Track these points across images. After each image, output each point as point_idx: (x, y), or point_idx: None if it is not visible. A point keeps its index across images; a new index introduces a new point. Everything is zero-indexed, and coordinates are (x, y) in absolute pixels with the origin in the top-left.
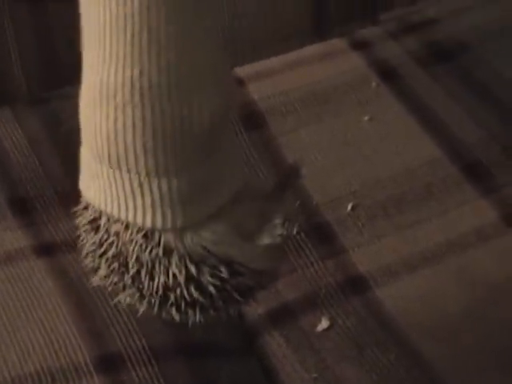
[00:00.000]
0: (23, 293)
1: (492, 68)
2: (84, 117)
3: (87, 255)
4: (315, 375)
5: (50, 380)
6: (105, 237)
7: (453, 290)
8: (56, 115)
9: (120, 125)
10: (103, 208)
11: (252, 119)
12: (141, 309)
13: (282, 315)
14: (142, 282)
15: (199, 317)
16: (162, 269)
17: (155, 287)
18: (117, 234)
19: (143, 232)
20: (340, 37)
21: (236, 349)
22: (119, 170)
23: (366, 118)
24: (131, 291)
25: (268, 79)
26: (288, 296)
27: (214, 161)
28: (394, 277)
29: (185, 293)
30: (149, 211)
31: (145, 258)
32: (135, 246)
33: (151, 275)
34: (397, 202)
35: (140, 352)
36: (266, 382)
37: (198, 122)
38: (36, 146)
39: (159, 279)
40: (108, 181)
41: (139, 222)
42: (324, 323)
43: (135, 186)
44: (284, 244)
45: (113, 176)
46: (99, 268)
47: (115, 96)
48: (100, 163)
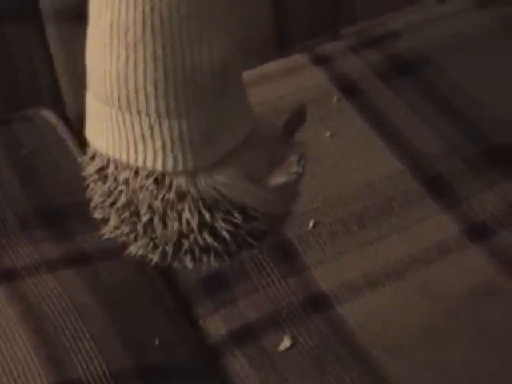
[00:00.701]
0: None
1: (452, 81)
2: (92, 61)
3: (96, 207)
4: None
5: None
6: (113, 186)
7: (414, 306)
8: (16, 137)
9: (131, 64)
10: (111, 154)
11: None
12: (154, 259)
13: (245, 335)
14: (155, 231)
15: (214, 263)
16: (175, 215)
17: (169, 235)
18: (126, 182)
19: (154, 177)
20: (302, 52)
21: (197, 370)
22: (129, 113)
23: (328, 134)
24: (144, 241)
25: None
26: (250, 316)
27: (224, 104)
28: (356, 293)
29: (199, 239)
30: (159, 154)
31: (156, 205)
32: (146, 193)
33: (164, 222)
34: (358, 218)
35: (100, 378)
36: None
37: (209, 62)
38: None
39: (172, 226)
40: (117, 124)
41: (149, 166)
42: (286, 342)
43: (145, 129)
44: (297, 185)
45: (122, 119)
46: (109, 219)
47: (126, 34)
48: (109, 107)
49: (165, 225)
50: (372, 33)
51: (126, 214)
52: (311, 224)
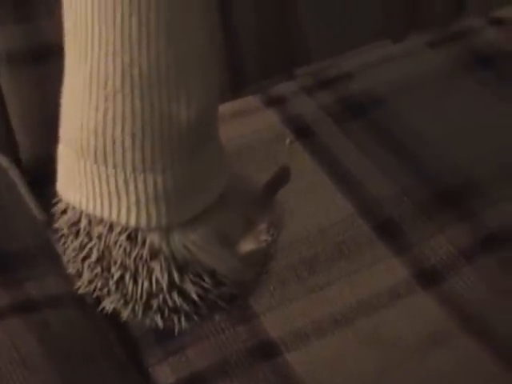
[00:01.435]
0: None
1: (405, 122)
2: (68, 111)
3: (69, 261)
4: None
5: None
6: (86, 240)
7: (363, 353)
8: None
9: (110, 115)
10: (84, 208)
11: None
12: (125, 315)
13: None
14: (126, 287)
15: (184, 324)
16: (145, 273)
17: (139, 293)
18: (99, 237)
19: (127, 232)
20: (255, 93)
21: None
22: (105, 166)
23: None
24: (115, 297)
25: None
26: (198, 364)
27: (200, 159)
28: (304, 341)
29: (168, 299)
30: (133, 209)
31: (129, 262)
32: (119, 249)
33: (135, 280)
34: (309, 264)
35: None
36: None
37: (186, 116)
38: None
39: (143, 284)
40: (91, 178)
41: (123, 221)
42: None
43: (120, 183)
44: (268, 252)
45: (97, 172)
46: (82, 273)
47: (106, 84)
48: (84, 159)
49: (135, 282)
50: (326, 73)
51: (99, 270)
52: None
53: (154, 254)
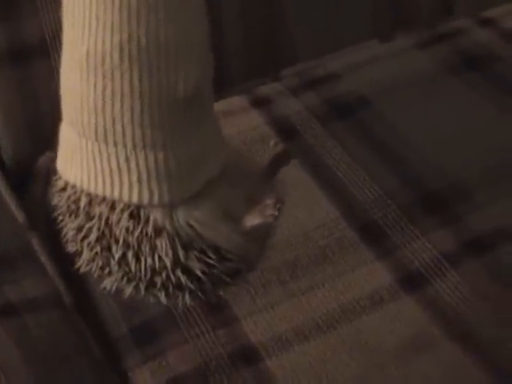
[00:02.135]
0: None
1: (390, 124)
2: (67, 91)
3: (67, 240)
4: None
5: None
6: (85, 220)
7: (345, 359)
8: None
9: (108, 93)
10: (85, 187)
11: None
12: (128, 292)
13: None
14: (129, 265)
15: (188, 300)
16: (148, 251)
17: (142, 270)
18: (99, 217)
19: (129, 210)
20: (241, 94)
21: None
22: (105, 144)
23: None
24: (118, 275)
25: None
26: (178, 368)
27: (199, 133)
28: (286, 346)
29: (172, 276)
30: (135, 186)
31: (131, 240)
32: (121, 227)
33: (137, 258)
34: (291, 267)
35: None
36: None
37: (184, 90)
38: None
39: (146, 262)
40: (92, 156)
41: (125, 199)
42: None
43: (121, 161)
44: (270, 227)
45: (98, 151)
46: (82, 253)
47: (103, 63)
48: (85, 138)
49: (138, 260)
50: (312, 74)
51: (98, 249)
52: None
53: (158, 232)
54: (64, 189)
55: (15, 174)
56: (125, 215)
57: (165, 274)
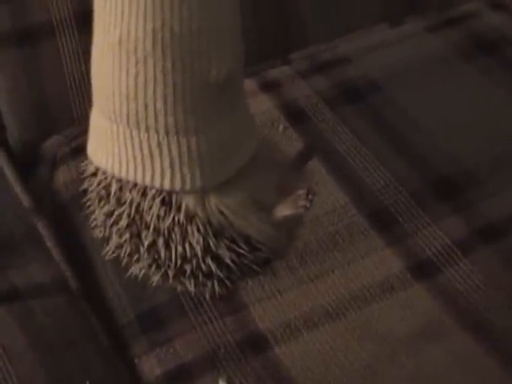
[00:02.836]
0: None
1: (401, 109)
2: (99, 78)
3: (95, 226)
4: None
5: None
6: (115, 206)
7: (354, 347)
8: None
9: (141, 79)
10: (117, 172)
11: None
12: (155, 280)
13: (180, 376)
14: (159, 252)
15: (217, 289)
16: (179, 238)
17: (172, 258)
18: (130, 203)
19: (161, 197)
20: (250, 77)
21: None
22: (137, 130)
23: None
24: (146, 262)
25: None
26: (186, 356)
27: (231, 119)
28: (295, 334)
29: (202, 264)
30: (168, 172)
31: (162, 227)
32: (152, 214)
33: (167, 245)
34: (300, 254)
35: None
36: None
37: (216, 76)
38: None
39: (176, 249)
40: (124, 142)
41: (157, 185)
42: None
43: (153, 146)
44: (300, 218)
45: (130, 136)
46: (110, 239)
47: (136, 50)
48: (116, 124)
49: (168, 248)
50: (322, 58)
51: (128, 235)
52: None
53: (190, 219)
54: (94, 174)
55: (21, 157)
56: (156, 202)
57: (195, 262)
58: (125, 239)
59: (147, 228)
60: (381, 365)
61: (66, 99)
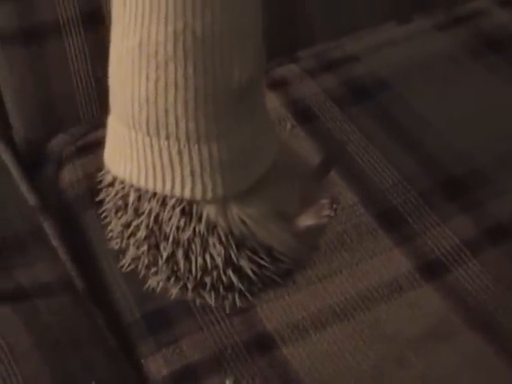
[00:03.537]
0: None
1: (410, 107)
2: (117, 83)
3: (112, 237)
4: None
5: None
6: (133, 217)
7: (362, 347)
8: None
9: (162, 84)
10: (135, 181)
11: None
12: (174, 293)
13: (186, 377)
14: (178, 264)
15: (238, 302)
16: (199, 249)
17: (193, 270)
18: (149, 213)
19: (181, 206)
20: None
21: None
22: (157, 137)
23: None
24: (165, 275)
25: None
26: (192, 356)
27: (252, 126)
28: (302, 334)
29: (223, 276)
30: (188, 181)
31: (182, 238)
32: (172, 225)
33: (187, 256)
34: None
35: None
36: None
37: (238, 82)
38: None
39: (196, 261)
40: (143, 150)
41: (177, 193)
42: None
43: (174, 154)
44: (323, 228)
45: (149, 144)
46: (127, 250)
47: (156, 54)
48: (135, 131)
49: (188, 259)
50: (330, 56)
51: (145, 247)
52: None
53: (211, 229)
54: (112, 184)
55: (27, 156)
56: (176, 212)
57: (215, 274)
58: (142, 251)
59: (166, 239)
60: (389, 365)
61: (72, 98)
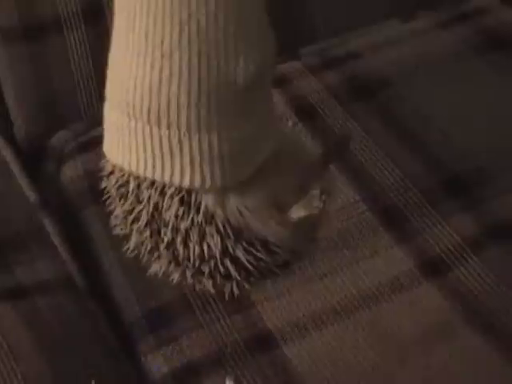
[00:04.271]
0: None
1: (412, 105)
2: (118, 72)
3: (116, 224)
4: None
5: None
6: (135, 203)
7: (363, 346)
8: None
9: (166, 74)
10: (134, 169)
11: None
12: (175, 278)
13: (186, 375)
14: (177, 250)
15: (235, 290)
16: (197, 238)
17: (191, 257)
18: (148, 200)
19: (180, 195)
20: None
21: None
22: (158, 127)
23: None
24: (166, 260)
25: None
26: (193, 354)
27: (255, 118)
28: (303, 333)
29: (220, 265)
30: (187, 170)
31: (183, 225)
32: (170, 213)
33: (186, 244)
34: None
35: None
36: None
37: (243, 74)
38: None
39: (194, 249)
40: (143, 139)
41: (176, 182)
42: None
43: (174, 143)
44: (319, 219)
45: (149, 133)
46: (130, 237)
47: (162, 43)
48: (135, 120)
49: (186, 247)
50: (332, 53)
51: (148, 233)
52: None
53: (208, 219)
54: (112, 172)
55: (28, 152)
56: (175, 201)
57: (213, 263)
58: (145, 236)
59: (166, 225)
60: (390, 364)
61: (74, 95)
